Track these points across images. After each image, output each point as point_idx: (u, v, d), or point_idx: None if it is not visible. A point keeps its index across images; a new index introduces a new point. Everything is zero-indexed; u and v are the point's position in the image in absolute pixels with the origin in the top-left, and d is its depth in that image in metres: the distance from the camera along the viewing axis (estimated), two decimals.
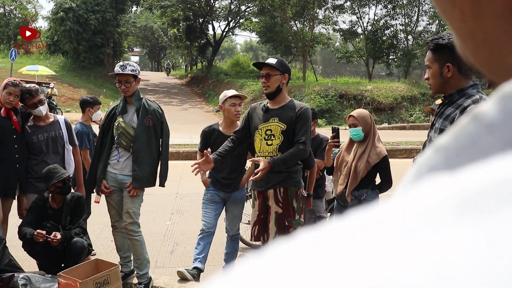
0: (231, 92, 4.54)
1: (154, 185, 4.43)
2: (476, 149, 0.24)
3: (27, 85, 4.63)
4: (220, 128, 4.54)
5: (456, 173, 0.21)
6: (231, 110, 4.44)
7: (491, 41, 0.28)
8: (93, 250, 5.45)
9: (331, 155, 4.09)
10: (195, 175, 3.91)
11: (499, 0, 0.25)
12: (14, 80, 4.44)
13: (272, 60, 3.84)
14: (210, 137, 4.57)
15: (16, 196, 4.54)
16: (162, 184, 4.48)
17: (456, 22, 0.29)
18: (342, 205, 4.02)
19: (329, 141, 3.99)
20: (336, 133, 3.92)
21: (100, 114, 5.48)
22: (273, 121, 3.83)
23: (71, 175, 4.46)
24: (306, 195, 4.12)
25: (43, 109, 4.50)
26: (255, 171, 3.68)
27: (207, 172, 4.66)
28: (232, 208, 4.58)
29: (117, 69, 4.25)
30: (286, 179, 3.81)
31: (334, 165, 4.13)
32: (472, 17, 0.27)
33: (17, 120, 4.42)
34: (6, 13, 37.77)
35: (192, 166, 3.81)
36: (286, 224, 3.82)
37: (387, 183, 3.99)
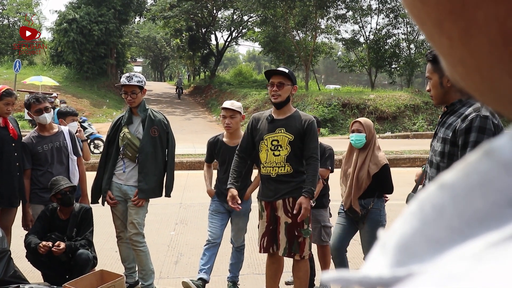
0: (226, 103, 4.54)
1: (160, 195, 4.44)
2: (491, 189, 0.22)
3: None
4: (224, 139, 4.56)
5: None
6: (222, 122, 4.52)
7: (483, 67, 0.26)
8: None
9: None
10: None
11: (492, 27, 0.24)
12: (8, 89, 4.40)
13: (285, 69, 3.82)
14: (214, 148, 4.59)
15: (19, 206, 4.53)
16: (168, 195, 4.48)
17: (445, 48, 0.28)
18: (350, 216, 4.01)
19: None
20: None
21: (74, 126, 5.23)
22: (280, 131, 3.80)
23: (75, 185, 4.47)
24: (313, 204, 4.11)
25: (48, 116, 4.52)
26: (301, 211, 3.71)
27: (213, 183, 4.66)
28: (236, 220, 4.56)
29: (123, 80, 4.28)
30: (294, 189, 3.79)
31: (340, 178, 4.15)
32: (462, 44, 0.26)
33: (13, 127, 4.42)
34: (10, 25, 38.02)
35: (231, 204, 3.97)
36: (296, 234, 3.81)
37: (387, 191, 4.00)
